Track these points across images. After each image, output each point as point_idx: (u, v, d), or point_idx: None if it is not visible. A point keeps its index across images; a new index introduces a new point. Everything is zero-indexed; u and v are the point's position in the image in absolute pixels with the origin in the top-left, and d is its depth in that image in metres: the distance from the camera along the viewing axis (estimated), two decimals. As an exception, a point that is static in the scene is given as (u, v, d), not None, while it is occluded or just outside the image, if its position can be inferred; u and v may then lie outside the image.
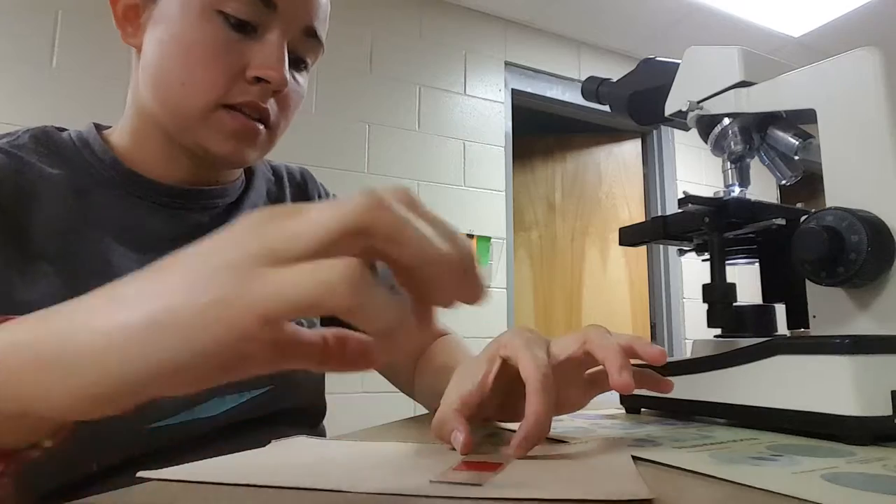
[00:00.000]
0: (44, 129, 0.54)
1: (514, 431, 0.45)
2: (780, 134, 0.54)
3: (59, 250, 0.48)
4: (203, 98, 0.49)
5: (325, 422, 0.86)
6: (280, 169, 0.70)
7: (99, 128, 0.58)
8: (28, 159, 0.50)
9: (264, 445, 0.39)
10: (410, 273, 0.23)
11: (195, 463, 0.32)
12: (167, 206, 0.55)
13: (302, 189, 0.71)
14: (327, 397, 0.83)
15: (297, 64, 0.54)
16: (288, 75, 0.51)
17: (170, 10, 0.50)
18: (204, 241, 0.22)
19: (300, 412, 0.58)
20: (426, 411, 0.65)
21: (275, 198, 0.67)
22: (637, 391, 0.55)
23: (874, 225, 0.42)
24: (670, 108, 0.61)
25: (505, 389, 0.42)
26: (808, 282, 0.47)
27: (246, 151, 0.53)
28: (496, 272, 2.41)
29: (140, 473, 0.28)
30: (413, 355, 0.68)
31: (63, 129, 0.56)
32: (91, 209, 0.51)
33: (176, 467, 0.31)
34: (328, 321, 0.36)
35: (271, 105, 0.52)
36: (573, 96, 2.73)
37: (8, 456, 0.24)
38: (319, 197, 0.71)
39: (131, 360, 0.20)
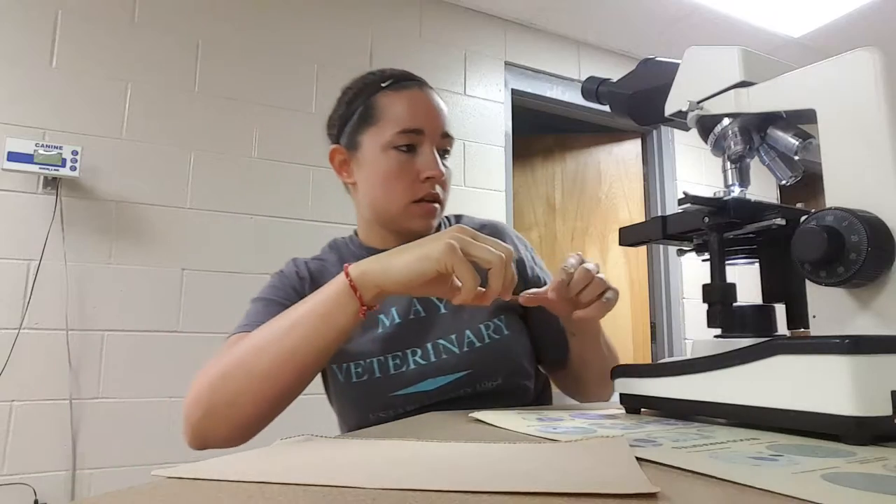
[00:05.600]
0: (334, 239, 0.94)
1: (513, 433, 0.45)
2: (780, 134, 0.54)
3: None
4: (399, 202, 0.82)
5: (333, 420, 0.87)
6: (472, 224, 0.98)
7: (359, 229, 0.95)
8: (326, 259, 0.89)
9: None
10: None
11: (205, 461, 0.32)
12: None
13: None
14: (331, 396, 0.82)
15: (443, 155, 0.85)
16: (442, 168, 0.82)
17: (366, 156, 0.84)
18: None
19: (501, 394, 0.79)
20: (432, 410, 0.68)
21: None
22: (636, 392, 0.55)
23: (874, 225, 0.42)
24: (670, 108, 0.61)
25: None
26: (808, 282, 0.47)
27: (431, 223, 0.84)
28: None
29: (154, 472, 0.29)
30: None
31: (342, 237, 0.94)
32: None
33: (188, 465, 0.31)
34: None
35: (438, 189, 0.83)
36: (573, 96, 2.73)
37: (367, 307, 0.58)
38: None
39: (403, 272, 0.56)
